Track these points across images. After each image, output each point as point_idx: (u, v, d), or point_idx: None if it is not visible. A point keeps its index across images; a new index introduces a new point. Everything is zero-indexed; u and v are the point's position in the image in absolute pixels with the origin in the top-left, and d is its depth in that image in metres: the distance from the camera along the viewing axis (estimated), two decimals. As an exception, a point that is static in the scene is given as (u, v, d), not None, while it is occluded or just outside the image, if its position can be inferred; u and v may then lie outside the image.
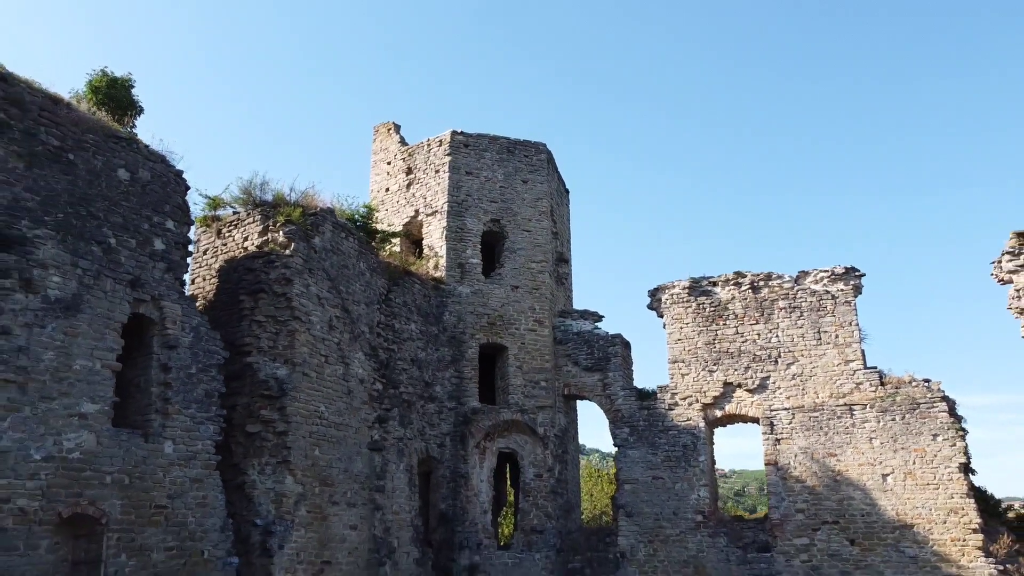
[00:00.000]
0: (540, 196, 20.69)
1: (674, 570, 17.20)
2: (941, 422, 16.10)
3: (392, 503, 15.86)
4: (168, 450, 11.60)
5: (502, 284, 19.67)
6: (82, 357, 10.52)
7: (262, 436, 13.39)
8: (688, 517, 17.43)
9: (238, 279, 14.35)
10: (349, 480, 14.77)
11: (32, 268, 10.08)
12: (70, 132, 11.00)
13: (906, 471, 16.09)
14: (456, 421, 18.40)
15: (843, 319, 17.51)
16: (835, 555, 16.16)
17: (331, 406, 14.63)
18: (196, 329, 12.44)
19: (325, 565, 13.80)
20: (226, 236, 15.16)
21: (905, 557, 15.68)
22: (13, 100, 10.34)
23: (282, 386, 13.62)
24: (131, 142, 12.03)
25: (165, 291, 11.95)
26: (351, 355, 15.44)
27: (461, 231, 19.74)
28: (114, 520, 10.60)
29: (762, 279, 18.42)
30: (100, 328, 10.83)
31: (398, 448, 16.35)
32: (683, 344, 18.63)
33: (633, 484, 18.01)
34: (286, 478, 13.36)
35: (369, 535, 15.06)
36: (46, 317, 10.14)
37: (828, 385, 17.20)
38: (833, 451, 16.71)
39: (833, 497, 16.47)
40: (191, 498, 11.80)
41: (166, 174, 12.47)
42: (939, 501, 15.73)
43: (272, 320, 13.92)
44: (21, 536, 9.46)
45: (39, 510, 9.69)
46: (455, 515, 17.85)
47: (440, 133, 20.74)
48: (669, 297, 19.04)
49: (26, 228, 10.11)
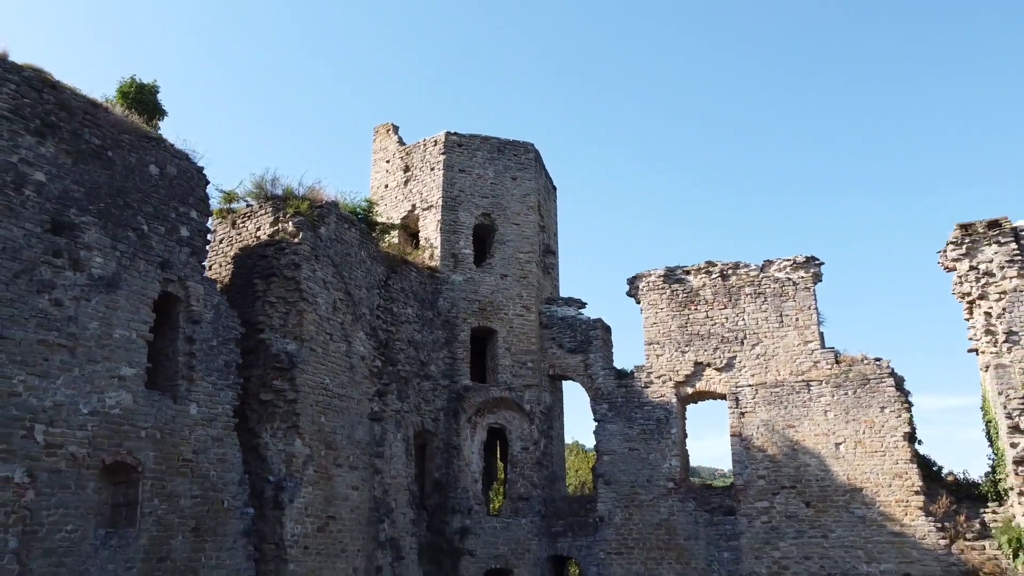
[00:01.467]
0: (528, 192, 22.32)
1: (648, 532, 18.83)
2: (888, 396, 17.73)
3: (390, 468, 17.50)
4: (193, 411, 13.24)
5: (492, 273, 21.29)
6: (120, 327, 12.16)
7: (274, 404, 15.02)
8: (661, 484, 19.06)
9: (252, 265, 15.99)
10: (351, 446, 16.41)
11: (79, 250, 11.71)
12: (109, 132, 12.64)
13: (856, 440, 17.71)
14: (449, 397, 20.03)
15: (803, 304, 19.14)
16: (792, 516, 17.79)
17: (335, 379, 16.26)
18: (216, 307, 14.08)
19: (330, 519, 15.44)
20: (240, 227, 16.79)
21: (855, 517, 17.31)
22: (62, 105, 11.97)
23: (292, 360, 15.25)
24: (159, 141, 13.67)
25: (190, 273, 13.59)
26: (353, 334, 17.08)
27: (455, 224, 21.37)
28: (148, 469, 12.23)
29: (730, 268, 20.04)
30: (135, 303, 12.47)
31: (396, 419, 17.99)
32: (658, 327, 20.26)
33: (611, 455, 19.64)
34: (295, 441, 15.00)
35: (369, 495, 16.70)
36: (91, 292, 11.77)
37: (789, 364, 18.83)
38: (792, 423, 18.34)
39: (791, 464, 18.09)
40: (213, 454, 13.43)
41: (190, 170, 14.10)
42: (885, 467, 17.36)
43: (283, 301, 15.56)
44: (72, 477, 11.09)
45: (86, 456, 11.32)
46: (448, 483, 19.48)
47: (435, 134, 22.38)
48: (646, 284, 20.66)
49: (74, 215, 11.74)
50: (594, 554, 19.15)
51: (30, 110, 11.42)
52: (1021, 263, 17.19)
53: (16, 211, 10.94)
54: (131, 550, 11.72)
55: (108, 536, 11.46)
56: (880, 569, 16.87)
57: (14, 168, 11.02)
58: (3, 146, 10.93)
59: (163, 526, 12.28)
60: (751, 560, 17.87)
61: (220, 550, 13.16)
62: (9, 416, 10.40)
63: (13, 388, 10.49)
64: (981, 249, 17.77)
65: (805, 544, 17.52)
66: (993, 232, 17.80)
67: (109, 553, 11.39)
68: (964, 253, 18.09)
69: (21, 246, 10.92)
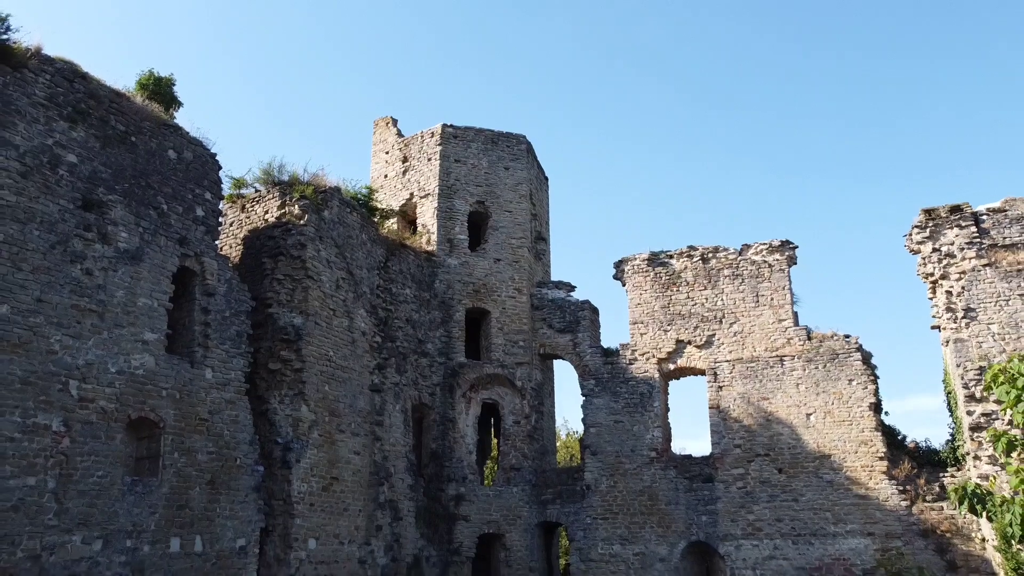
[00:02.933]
0: (520, 181, 23.54)
1: (631, 498, 20.04)
2: (856, 369, 18.95)
3: (389, 436, 18.71)
4: (208, 376, 14.44)
5: (486, 257, 22.51)
6: (144, 296, 13.36)
7: (282, 372, 16.23)
8: (644, 454, 20.27)
9: (260, 245, 17.19)
10: (353, 414, 17.62)
11: (107, 225, 12.92)
12: (132, 120, 13.84)
13: (826, 411, 18.93)
14: (445, 373, 21.24)
15: (778, 285, 20.35)
16: (766, 482, 19.00)
17: (338, 352, 17.47)
18: (229, 281, 15.29)
19: (333, 480, 16.66)
20: (249, 210, 18.00)
21: (823, 481, 18.53)
22: (91, 94, 13.17)
23: (298, 332, 16.47)
24: (177, 129, 14.87)
25: (205, 249, 14.80)
26: (355, 311, 18.29)
27: (450, 211, 22.59)
28: (169, 425, 13.44)
29: (710, 251, 21.26)
30: (156, 275, 13.68)
31: (394, 392, 19.20)
32: (642, 308, 21.47)
33: (597, 427, 20.85)
34: (302, 407, 16.21)
35: (370, 460, 17.92)
36: (117, 263, 12.98)
37: (764, 340, 20.04)
38: (766, 395, 19.55)
39: (765, 434, 19.31)
40: (226, 415, 14.64)
41: (204, 155, 15.30)
42: (852, 435, 18.58)
43: (289, 278, 16.77)
44: (102, 429, 12.29)
45: (115, 411, 12.52)
46: (444, 453, 20.70)
47: (432, 126, 23.58)
48: (631, 268, 21.88)
49: (102, 194, 12.94)
50: (581, 520, 20.36)
51: (63, 98, 12.61)
52: (980, 245, 18.42)
53: (52, 189, 12.14)
54: (154, 497, 12.93)
55: (134, 483, 12.68)
56: (846, 529, 18.09)
57: (49, 150, 12.22)
58: (40, 130, 12.13)
59: (182, 477, 13.49)
60: (727, 523, 19.08)
61: (233, 502, 14.38)
62: (47, 371, 11.60)
63: (51, 346, 11.70)
64: (943, 232, 18.99)
65: (777, 507, 18.74)
66: (955, 216, 19.02)
67: (135, 499, 12.60)
68: (928, 236, 19.31)
69: (56, 220, 12.12)
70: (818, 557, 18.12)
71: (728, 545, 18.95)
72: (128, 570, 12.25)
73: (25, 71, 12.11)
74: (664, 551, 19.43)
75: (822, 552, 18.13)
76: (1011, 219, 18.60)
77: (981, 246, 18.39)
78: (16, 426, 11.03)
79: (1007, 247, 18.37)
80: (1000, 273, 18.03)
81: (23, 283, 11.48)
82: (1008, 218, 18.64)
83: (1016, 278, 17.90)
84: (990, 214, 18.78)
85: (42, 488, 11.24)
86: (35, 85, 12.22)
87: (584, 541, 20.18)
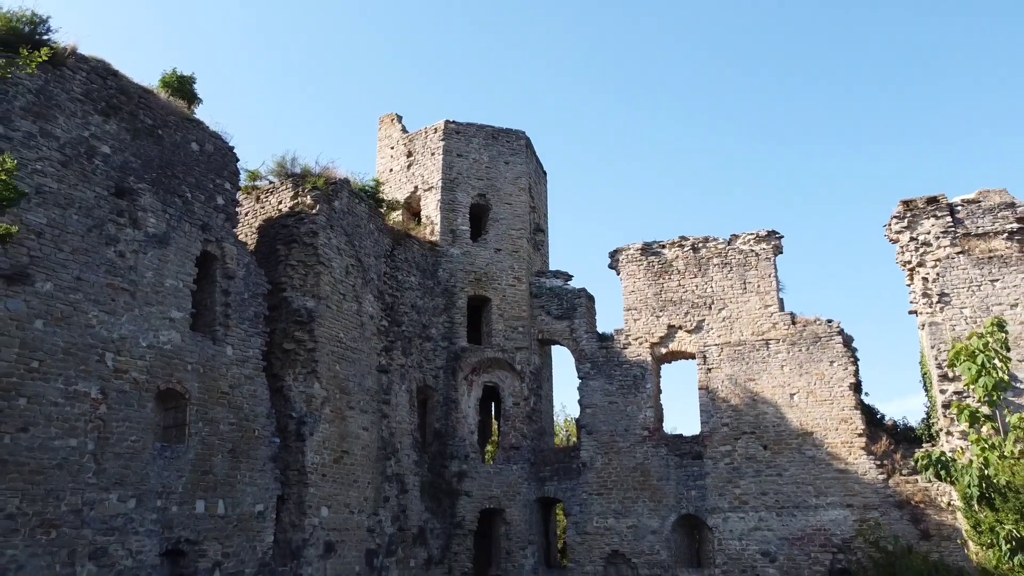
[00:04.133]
0: (519, 175, 24.61)
1: (625, 475, 21.12)
2: (837, 351, 20.02)
3: (396, 414, 19.79)
4: (229, 352, 15.52)
5: (487, 247, 23.59)
6: (170, 277, 14.44)
7: (295, 352, 17.31)
8: (636, 433, 21.35)
9: (275, 233, 18.27)
10: (362, 392, 18.70)
11: (137, 211, 13.99)
12: (159, 114, 14.92)
13: (808, 391, 20.00)
14: (448, 357, 22.32)
15: (764, 272, 21.43)
16: (751, 458, 20.08)
17: (348, 334, 18.55)
18: (247, 266, 16.37)
19: (344, 453, 17.74)
20: (264, 201, 19.07)
21: (806, 457, 19.60)
22: (121, 90, 14.24)
23: (311, 314, 17.54)
24: (198, 123, 15.93)
25: (225, 235, 15.87)
26: (363, 296, 19.37)
27: (453, 203, 23.66)
28: (194, 397, 14.52)
29: (700, 241, 22.33)
30: (182, 258, 14.76)
31: (400, 373, 20.28)
32: (636, 295, 22.54)
33: (593, 408, 21.93)
34: (314, 384, 17.28)
35: (377, 436, 19.00)
36: (147, 247, 14.06)
37: (751, 325, 21.11)
38: (752, 377, 20.62)
39: (751, 413, 20.38)
40: (245, 390, 15.72)
41: (223, 148, 16.38)
42: (833, 413, 19.65)
43: (302, 264, 17.84)
44: (135, 398, 13.37)
45: (145, 381, 13.60)
46: (447, 432, 21.78)
47: (435, 122, 24.66)
48: (625, 257, 22.95)
49: (132, 182, 14.02)
50: (577, 495, 21.44)
51: (97, 94, 13.68)
52: (954, 234, 19.50)
53: (88, 177, 13.21)
54: (181, 462, 14.01)
55: (163, 448, 13.76)
56: (827, 501, 19.16)
57: (86, 142, 13.29)
58: (77, 123, 13.21)
59: (206, 445, 14.57)
60: (715, 497, 20.16)
61: (253, 470, 15.46)
62: (86, 343, 12.68)
63: (89, 321, 12.77)
64: (920, 222, 20.08)
65: (762, 481, 19.81)
66: (931, 207, 20.11)
67: (164, 462, 13.68)
68: (906, 226, 20.40)
69: (92, 206, 13.19)
70: (800, 528, 19.20)
71: (716, 517, 20.04)
72: (158, 527, 13.33)
73: (64, 69, 13.18)
74: (656, 524, 20.52)
75: (804, 523, 19.20)
76: (984, 210, 19.67)
77: (955, 235, 19.46)
78: (59, 392, 12.10)
79: (979, 236, 19.44)
80: (972, 260, 19.11)
81: (64, 263, 12.55)
82: (981, 208, 19.72)
83: (987, 265, 18.98)
84: (964, 205, 19.86)
85: (82, 449, 12.32)
86: (72, 82, 13.29)
87: (580, 515, 21.26)
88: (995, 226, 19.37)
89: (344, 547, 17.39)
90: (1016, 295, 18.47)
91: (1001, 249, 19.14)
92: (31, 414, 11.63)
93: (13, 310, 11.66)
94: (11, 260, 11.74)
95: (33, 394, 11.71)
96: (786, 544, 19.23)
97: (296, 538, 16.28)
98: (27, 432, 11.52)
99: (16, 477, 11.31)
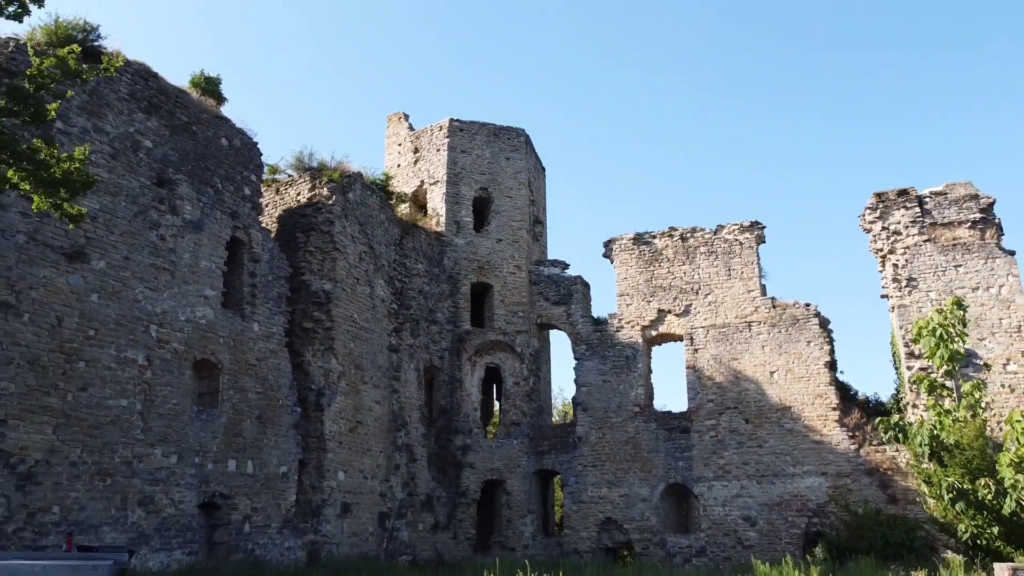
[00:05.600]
0: (519, 170, 26.17)
1: (617, 448, 22.70)
2: (814, 332, 21.59)
3: (405, 390, 21.37)
4: (255, 328, 17.10)
5: (489, 237, 25.16)
6: (204, 259, 16.01)
7: (314, 330, 18.88)
8: (628, 409, 22.92)
9: (294, 222, 19.84)
10: (374, 369, 20.28)
11: (176, 199, 15.57)
12: (193, 112, 16.49)
13: (787, 369, 21.57)
14: (453, 339, 23.91)
15: (747, 260, 22.99)
16: (734, 431, 21.64)
17: (361, 315, 20.13)
18: (271, 251, 17.94)
19: (358, 424, 19.32)
20: (283, 193, 20.63)
21: (784, 430, 21.16)
22: (161, 91, 15.81)
23: (328, 296, 19.11)
24: (227, 120, 17.50)
25: (251, 222, 17.44)
26: (375, 280, 20.95)
27: (457, 196, 25.24)
28: (226, 367, 16.10)
29: (689, 231, 23.90)
30: (214, 242, 16.33)
31: (409, 352, 21.86)
32: (628, 281, 24.11)
33: (588, 387, 23.50)
34: (331, 360, 18.85)
35: (389, 409, 20.59)
36: (184, 231, 15.63)
37: (735, 309, 22.68)
38: (736, 356, 22.19)
39: (734, 390, 21.94)
40: (270, 363, 17.29)
41: (249, 143, 17.94)
42: (809, 389, 21.21)
43: (319, 250, 19.40)
44: (175, 366, 14.94)
45: (184, 352, 15.18)
46: (452, 409, 23.37)
47: (440, 120, 26.22)
48: (618, 246, 24.52)
49: (171, 173, 15.58)
50: (573, 467, 23.01)
51: (140, 94, 15.25)
52: (922, 223, 21.07)
53: (134, 168, 14.79)
54: (215, 425, 15.59)
55: (199, 412, 15.34)
56: (803, 470, 20.73)
57: (131, 137, 14.86)
58: (124, 120, 14.78)
59: (237, 411, 16.15)
60: (701, 467, 21.74)
61: (277, 435, 17.04)
62: (134, 316, 14.25)
63: (136, 296, 14.35)
64: (892, 213, 21.65)
65: (744, 452, 21.38)
66: (902, 199, 21.69)
67: (200, 424, 15.26)
68: (878, 216, 21.97)
69: (137, 194, 14.77)
70: (779, 494, 20.77)
71: (701, 486, 21.61)
72: (196, 481, 14.91)
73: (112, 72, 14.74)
74: (646, 492, 22.10)
75: (782, 490, 20.77)
76: (950, 201, 21.24)
77: (923, 224, 21.04)
78: (112, 358, 13.68)
79: (945, 225, 21.02)
80: (939, 248, 20.69)
81: (114, 244, 14.13)
82: (948, 200, 21.29)
83: (952, 251, 20.56)
84: (932, 197, 21.43)
85: (132, 409, 13.89)
86: (119, 83, 14.86)
87: (576, 485, 22.84)
88: (960, 216, 20.93)
89: (359, 509, 18.98)
90: (977, 279, 20.06)
91: (965, 237, 20.71)
92: (89, 376, 13.21)
93: (73, 285, 13.24)
94: (71, 241, 13.32)
95: (91, 359, 13.29)
96: (765, 509, 20.80)
97: (316, 498, 17.85)
98: (86, 391, 13.10)
99: (77, 431, 12.89)
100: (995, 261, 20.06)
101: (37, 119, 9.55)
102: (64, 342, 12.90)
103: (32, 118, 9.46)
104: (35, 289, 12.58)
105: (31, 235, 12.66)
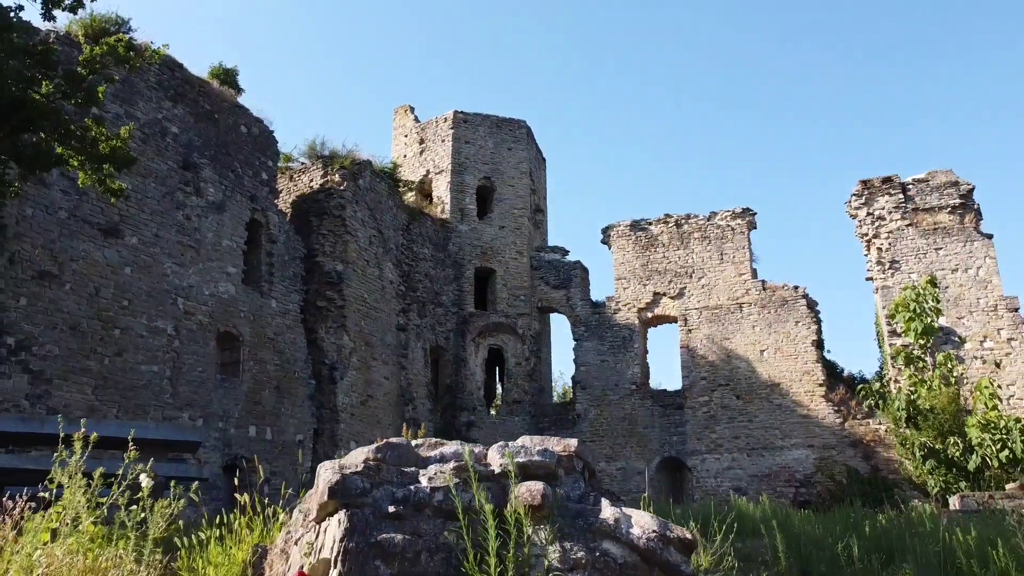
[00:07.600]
0: (521, 161, 27.24)
1: (614, 424, 23.77)
2: (802, 313, 22.65)
3: (412, 367, 22.45)
4: (273, 305, 18.17)
5: (492, 224, 26.23)
6: (226, 239, 17.09)
7: (327, 309, 19.95)
8: (625, 387, 23.99)
9: (307, 207, 20.90)
10: (383, 347, 21.36)
11: (200, 182, 16.64)
12: (215, 101, 17.56)
13: (776, 347, 22.63)
14: (457, 321, 24.98)
15: (739, 245, 24.05)
16: (726, 407, 22.71)
17: (371, 295, 21.20)
18: (287, 232, 19.02)
19: (368, 397, 20.40)
20: (296, 179, 21.70)
21: (773, 405, 22.23)
22: (186, 80, 16.89)
23: (340, 277, 20.18)
24: (245, 109, 18.58)
25: (268, 205, 18.52)
26: (384, 263, 22.02)
27: (461, 185, 26.30)
28: (246, 340, 17.17)
29: (683, 218, 24.95)
30: (235, 223, 17.40)
31: (416, 332, 22.95)
32: (625, 266, 25.18)
33: (587, 366, 24.58)
34: (343, 337, 19.93)
35: (397, 385, 21.67)
36: (208, 212, 16.70)
37: (727, 291, 23.74)
38: (728, 336, 23.25)
39: (726, 368, 23.01)
40: (287, 337, 18.37)
41: (266, 131, 19.02)
42: (797, 366, 22.28)
43: (332, 233, 20.47)
44: (201, 337, 16.02)
45: (208, 324, 16.26)
46: (457, 387, 24.44)
47: (445, 112, 27.29)
48: (616, 233, 25.58)
49: (195, 158, 16.66)
50: (573, 443, 24.04)
51: (167, 83, 16.33)
52: (905, 209, 22.12)
53: (162, 152, 15.87)
54: (237, 393, 16.67)
55: (223, 380, 16.42)
56: (791, 443, 21.80)
57: (159, 123, 15.94)
58: (153, 107, 15.86)
59: (256, 381, 17.23)
60: (694, 441, 22.81)
61: (294, 405, 18.12)
62: (163, 290, 15.34)
63: (164, 271, 15.43)
64: (877, 199, 22.69)
65: (735, 427, 22.46)
66: (886, 186, 22.74)
67: (223, 392, 16.34)
68: (864, 202, 23.01)
69: (165, 176, 15.85)
70: (768, 466, 21.84)
71: (694, 459, 22.69)
72: (220, 444, 16.00)
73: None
74: (642, 466, 23.17)
75: (771, 462, 21.84)
76: (932, 187, 22.29)
77: (906, 210, 22.09)
78: (144, 327, 14.76)
79: (927, 210, 22.07)
80: (920, 232, 21.75)
81: (145, 222, 15.21)
82: (930, 187, 22.34)
83: (932, 235, 21.61)
84: (915, 184, 22.48)
85: (162, 375, 14.98)
86: (148, 73, 15.93)
87: (575, 460, 23.87)
88: (941, 201, 21.98)
89: (369, 477, 20.03)
90: (957, 261, 21.11)
91: (945, 222, 21.77)
92: (123, 343, 14.30)
93: (109, 258, 14.33)
94: (107, 218, 14.41)
95: (125, 327, 14.38)
96: (755, 480, 21.86)
97: (329, 466, 18.91)
98: (121, 357, 14.19)
99: (114, 392, 13.98)
100: (973, 244, 21.12)
101: (89, 101, 10.62)
102: (101, 310, 13.99)
103: (85, 100, 10.52)
104: (76, 261, 13.67)
105: (71, 211, 13.75)
